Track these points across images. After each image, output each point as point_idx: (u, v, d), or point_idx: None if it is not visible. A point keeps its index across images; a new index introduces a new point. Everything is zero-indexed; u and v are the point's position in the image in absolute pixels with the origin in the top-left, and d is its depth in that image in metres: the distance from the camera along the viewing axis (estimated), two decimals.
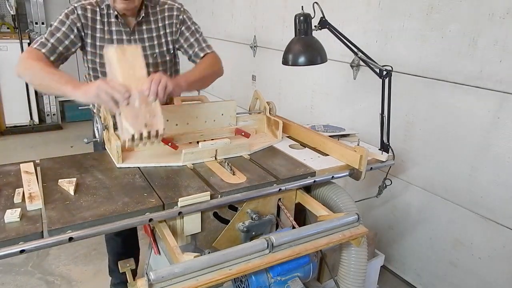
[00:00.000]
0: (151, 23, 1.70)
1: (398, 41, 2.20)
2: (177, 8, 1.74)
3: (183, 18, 1.75)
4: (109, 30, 1.65)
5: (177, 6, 1.74)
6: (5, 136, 4.84)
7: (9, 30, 5.02)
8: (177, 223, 1.30)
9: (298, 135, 1.83)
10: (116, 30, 1.66)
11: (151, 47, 1.72)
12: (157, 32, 1.72)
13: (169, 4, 1.73)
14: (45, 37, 1.58)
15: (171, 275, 1.00)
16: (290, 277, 1.27)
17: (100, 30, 1.64)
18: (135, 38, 1.69)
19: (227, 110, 1.75)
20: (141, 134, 1.25)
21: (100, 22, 1.64)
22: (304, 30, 1.55)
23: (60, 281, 2.40)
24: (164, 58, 1.77)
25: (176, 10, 1.73)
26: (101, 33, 1.65)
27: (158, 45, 1.74)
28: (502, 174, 1.83)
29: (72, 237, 1.06)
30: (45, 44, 1.56)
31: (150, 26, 1.70)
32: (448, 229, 2.11)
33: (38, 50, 1.55)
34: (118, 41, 1.66)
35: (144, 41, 1.71)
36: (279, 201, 1.48)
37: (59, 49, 1.59)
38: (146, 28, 1.70)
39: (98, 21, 1.63)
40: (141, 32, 1.69)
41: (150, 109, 1.29)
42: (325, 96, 2.79)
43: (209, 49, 1.78)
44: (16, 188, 1.25)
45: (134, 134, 1.23)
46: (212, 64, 1.73)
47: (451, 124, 2.01)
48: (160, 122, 1.28)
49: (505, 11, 1.72)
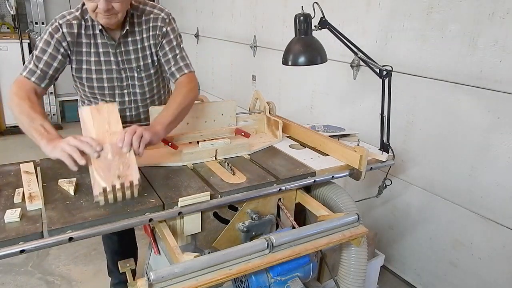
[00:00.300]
0: (136, 34, 1.63)
1: (398, 41, 2.20)
2: (162, 18, 1.64)
3: (166, 31, 1.65)
4: (95, 43, 1.59)
5: (162, 16, 1.65)
6: (5, 136, 4.83)
7: (9, 30, 5.02)
8: (177, 223, 1.30)
9: (298, 135, 1.83)
10: (102, 42, 1.60)
11: (136, 60, 1.66)
12: (141, 43, 1.65)
13: (155, 14, 1.64)
14: (33, 62, 1.52)
15: (171, 275, 1.00)
16: (290, 277, 1.27)
17: (86, 45, 1.59)
18: (121, 51, 1.63)
19: (227, 110, 1.75)
20: (113, 186, 1.14)
21: (85, 36, 1.57)
22: (304, 30, 1.55)
23: (60, 281, 2.40)
24: (149, 71, 1.70)
25: (161, 21, 1.64)
26: (87, 47, 1.59)
27: (142, 57, 1.67)
28: (502, 174, 1.83)
29: (72, 237, 1.06)
30: (34, 72, 1.51)
31: (135, 37, 1.64)
32: (448, 229, 2.11)
33: (28, 79, 1.50)
34: (104, 53, 1.61)
35: (130, 53, 1.64)
36: (279, 201, 1.48)
37: (49, 73, 1.53)
38: (132, 39, 1.63)
39: (83, 35, 1.57)
40: (127, 44, 1.63)
41: (124, 160, 1.21)
42: (325, 96, 2.79)
43: (187, 69, 1.66)
44: (16, 188, 1.25)
45: (105, 187, 1.13)
46: (187, 91, 1.57)
47: (451, 124, 2.00)
48: (135, 172, 1.18)
49: (505, 11, 1.72)
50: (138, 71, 1.68)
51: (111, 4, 1.43)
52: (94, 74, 1.64)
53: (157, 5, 1.68)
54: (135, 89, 1.72)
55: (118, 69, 1.65)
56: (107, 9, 1.43)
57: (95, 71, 1.63)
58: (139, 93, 1.74)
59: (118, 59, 1.64)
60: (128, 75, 1.68)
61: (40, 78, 1.52)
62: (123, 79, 1.68)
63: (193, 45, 4.61)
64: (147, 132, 1.29)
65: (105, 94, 1.69)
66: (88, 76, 1.64)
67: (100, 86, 1.67)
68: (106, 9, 1.42)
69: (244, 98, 3.00)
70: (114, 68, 1.65)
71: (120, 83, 1.68)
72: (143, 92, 1.75)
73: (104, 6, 1.41)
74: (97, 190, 1.13)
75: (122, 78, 1.67)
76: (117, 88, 1.69)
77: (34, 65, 1.52)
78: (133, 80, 1.70)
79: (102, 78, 1.65)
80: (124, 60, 1.65)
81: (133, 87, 1.72)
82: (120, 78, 1.67)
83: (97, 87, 1.66)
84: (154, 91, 1.79)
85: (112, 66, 1.64)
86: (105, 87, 1.67)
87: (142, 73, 1.69)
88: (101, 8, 1.42)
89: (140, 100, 1.76)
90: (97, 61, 1.62)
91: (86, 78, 1.64)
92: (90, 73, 1.63)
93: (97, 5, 1.42)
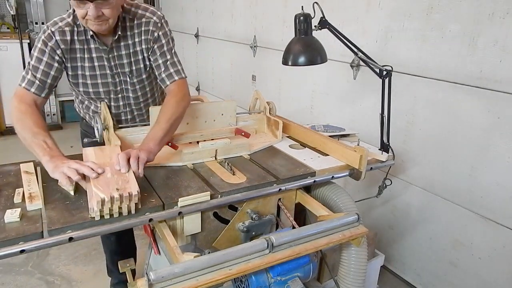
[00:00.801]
0: (128, 39, 1.61)
1: (398, 41, 2.20)
2: (154, 22, 1.61)
3: (158, 36, 1.62)
4: (88, 48, 1.58)
5: (154, 20, 1.61)
6: (5, 136, 4.83)
7: (9, 30, 5.02)
8: (177, 223, 1.30)
9: (298, 135, 1.83)
10: (95, 47, 1.58)
11: (128, 64, 1.65)
12: (134, 48, 1.63)
13: (147, 18, 1.61)
14: (31, 72, 1.50)
15: (171, 275, 1.00)
16: (290, 277, 1.27)
17: (80, 50, 1.57)
18: (114, 56, 1.61)
19: (227, 110, 1.75)
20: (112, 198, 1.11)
21: (79, 41, 1.56)
22: (304, 30, 1.55)
23: (60, 281, 2.40)
24: (141, 76, 1.69)
25: (153, 25, 1.61)
26: (81, 53, 1.58)
27: (134, 62, 1.65)
28: (502, 174, 1.83)
29: (72, 237, 1.06)
30: (32, 82, 1.50)
31: (128, 42, 1.62)
32: (448, 229, 2.11)
33: (27, 90, 1.49)
34: (98, 59, 1.60)
35: (122, 58, 1.63)
36: (279, 201, 1.48)
37: (48, 82, 1.52)
38: (124, 44, 1.61)
39: (76, 41, 1.55)
40: (119, 48, 1.61)
41: (123, 178, 1.21)
42: (325, 96, 2.79)
43: (177, 75, 1.62)
44: (16, 188, 1.25)
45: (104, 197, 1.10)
46: (177, 102, 1.54)
47: (451, 124, 2.00)
48: (134, 185, 1.17)
49: (505, 11, 1.72)
50: (130, 76, 1.67)
51: (101, 10, 1.40)
52: (89, 79, 1.63)
53: (149, 8, 1.65)
54: (128, 93, 1.72)
55: (112, 73, 1.65)
56: (97, 16, 1.40)
57: (89, 77, 1.62)
58: (132, 97, 1.74)
59: (111, 63, 1.63)
60: (122, 80, 1.68)
61: (39, 89, 1.51)
62: (117, 84, 1.67)
63: (193, 45, 4.61)
64: (142, 152, 1.30)
65: (100, 99, 1.69)
66: (83, 82, 1.63)
67: (96, 92, 1.66)
68: (96, 15, 1.40)
69: (244, 98, 3.00)
70: (108, 73, 1.64)
71: (114, 87, 1.68)
72: (136, 97, 1.74)
73: (94, 13, 1.38)
74: (95, 201, 1.09)
75: (116, 82, 1.67)
76: (112, 92, 1.69)
77: (32, 75, 1.50)
78: (126, 84, 1.69)
79: (97, 83, 1.64)
80: (117, 64, 1.64)
81: (127, 91, 1.71)
82: (114, 82, 1.67)
83: (92, 92, 1.66)
84: (147, 95, 1.79)
85: (106, 70, 1.63)
86: (100, 92, 1.67)
87: (134, 78, 1.68)
88: (91, 15, 1.39)
89: (133, 103, 1.76)
90: (91, 66, 1.61)
91: (82, 84, 1.63)
92: (85, 79, 1.62)
93: (87, 11, 1.40)
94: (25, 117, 1.41)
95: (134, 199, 1.14)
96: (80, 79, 1.62)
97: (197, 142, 1.62)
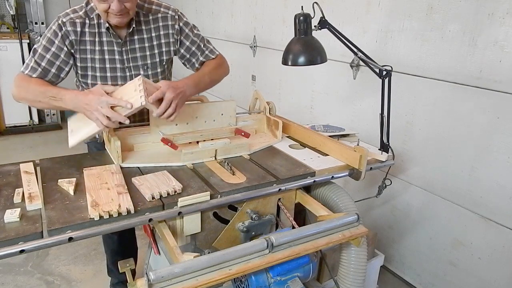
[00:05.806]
0: (143, 33, 1.65)
1: (398, 41, 2.20)
2: (171, 16, 1.67)
3: (180, 27, 1.69)
4: (100, 41, 1.60)
5: (171, 14, 1.67)
6: (5, 136, 4.83)
7: (9, 30, 5.02)
8: (177, 223, 1.30)
9: (298, 135, 1.83)
10: (107, 41, 1.60)
11: (142, 58, 1.68)
12: (150, 42, 1.67)
13: (163, 13, 1.66)
14: (34, 60, 1.52)
15: (171, 275, 1.00)
16: (290, 277, 1.27)
17: (90, 42, 1.59)
18: (127, 49, 1.64)
19: (227, 110, 1.75)
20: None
21: (90, 34, 1.58)
22: (304, 30, 1.55)
23: (60, 281, 2.40)
24: (155, 70, 1.72)
25: (171, 19, 1.67)
26: (91, 45, 1.59)
27: (150, 56, 1.69)
28: (502, 174, 1.83)
29: (72, 237, 1.06)
30: (35, 69, 1.52)
31: (142, 36, 1.65)
32: (448, 229, 2.11)
33: (29, 76, 1.51)
34: (109, 52, 1.62)
35: (136, 51, 1.66)
36: (279, 201, 1.48)
37: (52, 72, 1.54)
38: (138, 38, 1.65)
39: (87, 33, 1.57)
40: (133, 42, 1.64)
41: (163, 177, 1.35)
42: (325, 96, 2.79)
43: (213, 54, 1.80)
44: (16, 188, 1.25)
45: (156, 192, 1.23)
46: (218, 65, 1.77)
47: (451, 124, 2.01)
48: (176, 182, 1.31)
49: (505, 11, 1.72)
50: (145, 69, 1.70)
51: (124, 4, 1.46)
52: (99, 72, 1.64)
53: (162, 3, 1.70)
54: None
55: (122, 67, 1.66)
56: (120, 9, 1.45)
57: (99, 69, 1.64)
58: None
59: (123, 57, 1.64)
60: (133, 74, 1.68)
61: (41, 76, 1.53)
62: (126, 78, 1.68)
63: None
64: (182, 92, 1.45)
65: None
66: (92, 74, 1.64)
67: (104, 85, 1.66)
68: (119, 9, 1.45)
69: (244, 98, 3.01)
70: (118, 67, 1.65)
71: (124, 82, 1.68)
72: None
73: (117, 7, 1.44)
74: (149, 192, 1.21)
75: (126, 76, 1.68)
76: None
77: (35, 62, 1.52)
78: None
79: (106, 76, 1.65)
80: (130, 58, 1.65)
81: None
82: (124, 76, 1.67)
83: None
84: None
85: (117, 64, 1.65)
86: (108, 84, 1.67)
87: (149, 71, 1.71)
88: (114, 9, 1.44)
89: None
90: (102, 59, 1.62)
91: (91, 76, 1.65)
92: (95, 71, 1.64)
93: (109, 6, 1.44)
94: (30, 85, 1.49)
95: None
96: (89, 71, 1.64)
97: (197, 142, 1.62)
